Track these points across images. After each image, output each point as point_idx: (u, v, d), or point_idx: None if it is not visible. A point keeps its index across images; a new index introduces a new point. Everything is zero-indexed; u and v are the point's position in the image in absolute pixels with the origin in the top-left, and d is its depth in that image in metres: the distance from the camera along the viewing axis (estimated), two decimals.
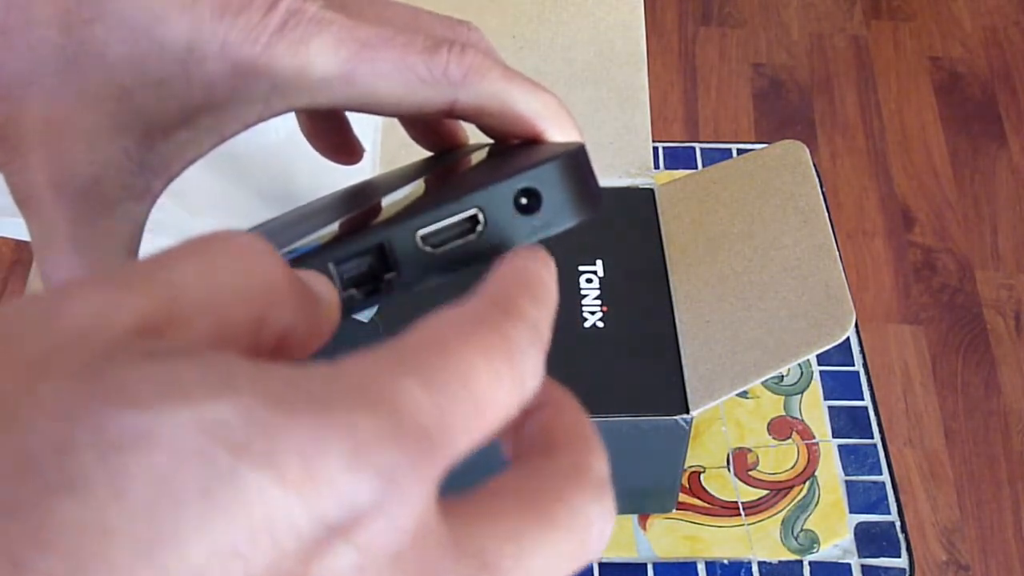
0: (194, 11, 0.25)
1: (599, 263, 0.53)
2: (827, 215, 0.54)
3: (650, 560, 0.54)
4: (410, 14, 0.29)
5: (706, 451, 0.57)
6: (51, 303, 0.17)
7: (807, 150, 0.57)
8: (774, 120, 1.73)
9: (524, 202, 0.24)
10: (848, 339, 0.62)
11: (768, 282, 0.52)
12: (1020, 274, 1.54)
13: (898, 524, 0.55)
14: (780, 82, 1.78)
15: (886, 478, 0.57)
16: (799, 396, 0.59)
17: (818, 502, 0.55)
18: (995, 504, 1.33)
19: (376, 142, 0.52)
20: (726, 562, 0.53)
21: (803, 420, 0.58)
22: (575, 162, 0.25)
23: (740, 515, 0.55)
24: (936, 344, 1.46)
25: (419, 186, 0.29)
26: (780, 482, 0.56)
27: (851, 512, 0.55)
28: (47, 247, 0.26)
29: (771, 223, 0.54)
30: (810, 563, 0.53)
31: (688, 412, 0.48)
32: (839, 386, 0.60)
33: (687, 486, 0.56)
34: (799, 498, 0.55)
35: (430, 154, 0.34)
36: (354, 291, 0.23)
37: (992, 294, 1.52)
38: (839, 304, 0.49)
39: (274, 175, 0.50)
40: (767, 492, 0.56)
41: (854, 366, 0.61)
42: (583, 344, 0.50)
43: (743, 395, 0.59)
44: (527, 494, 0.18)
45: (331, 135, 0.34)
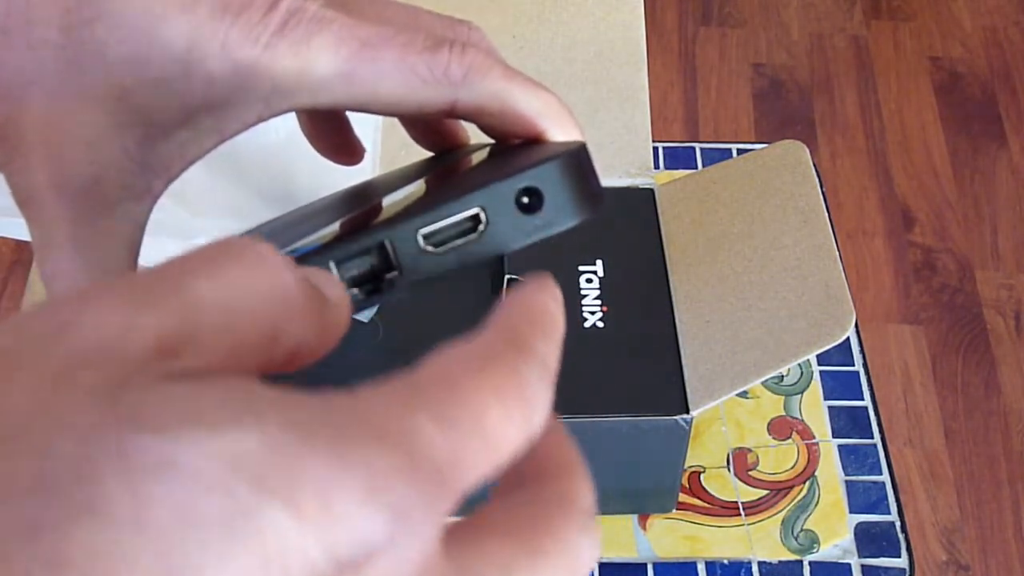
0: (194, 11, 0.25)
1: (599, 263, 0.53)
2: (827, 215, 0.54)
3: (650, 560, 0.54)
4: (411, 13, 0.29)
5: (706, 451, 0.57)
6: (67, 315, 0.17)
7: (807, 150, 0.57)
8: (774, 120, 1.73)
9: (526, 201, 0.24)
10: (848, 339, 0.62)
11: (768, 282, 0.52)
12: (1020, 274, 1.54)
13: (898, 524, 0.55)
14: (780, 82, 1.78)
15: (886, 478, 0.57)
16: (799, 396, 0.59)
17: (818, 502, 0.55)
18: (995, 504, 1.33)
19: (376, 142, 0.52)
20: (726, 562, 0.53)
21: (803, 420, 0.58)
22: (576, 161, 0.25)
23: (740, 515, 0.55)
24: (936, 344, 1.46)
25: (420, 186, 0.29)
26: (780, 482, 0.56)
27: (851, 512, 0.55)
28: (48, 247, 0.26)
29: (771, 223, 0.54)
30: (810, 563, 0.53)
31: (688, 412, 0.48)
32: (839, 386, 0.60)
33: (687, 486, 0.56)
34: (799, 498, 0.56)
35: (431, 154, 0.34)
36: (355, 291, 0.23)
37: (992, 294, 1.52)
38: (839, 304, 0.49)
39: (274, 175, 0.50)
40: (767, 492, 0.56)
41: (854, 366, 0.61)
42: (583, 344, 0.50)
43: (743, 395, 0.59)
44: (519, 525, 0.18)
45: (332, 135, 0.34)
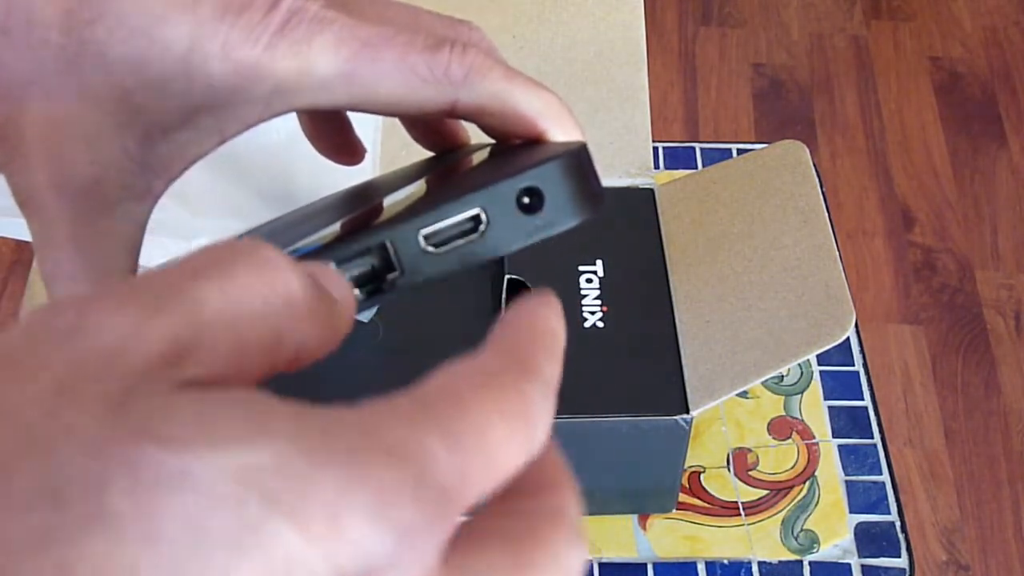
0: (195, 11, 0.25)
1: (599, 263, 0.53)
2: (827, 215, 0.54)
3: (650, 560, 0.54)
4: (411, 13, 0.29)
5: (706, 451, 0.57)
6: (73, 319, 0.17)
7: (807, 150, 0.57)
8: (774, 120, 1.73)
9: (526, 201, 0.24)
10: (848, 339, 0.62)
11: (768, 282, 0.52)
12: (1020, 274, 1.54)
13: (898, 524, 0.55)
14: (780, 82, 1.78)
15: (886, 478, 0.57)
16: (799, 396, 0.59)
17: (818, 502, 0.55)
18: (995, 504, 1.33)
19: (376, 142, 0.52)
20: (726, 562, 0.53)
21: (803, 420, 0.58)
22: (577, 161, 0.25)
23: (740, 515, 0.55)
24: (936, 344, 1.46)
25: (420, 186, 0.29)
26: (780, 482, 0.56)
27: (851, 512, 0.55)
28: (48, 247, 0.26)
29: (771, 223, 0.54)
30: (810, 563, 0.53)
31: (688, 412, 0.48)
32: (839, 386, 0.60)
33: (687, 486, 0.56)
34: (799, 498, 0.56)
35: (431, 155, 0.34)
36: (356, 291, 0.23)
37: (992, 294, 1.52)
38: (839, 304, 0.49)
39: (275, 175, 0.50)
40: (767, 492, 0.56)
41: (854, 366, 0.61)
42: (583, 344, 0.50)
43: (743, 395, 0.59)
44: (514, 537, 0.18)
45: (332, 135, 0.34)
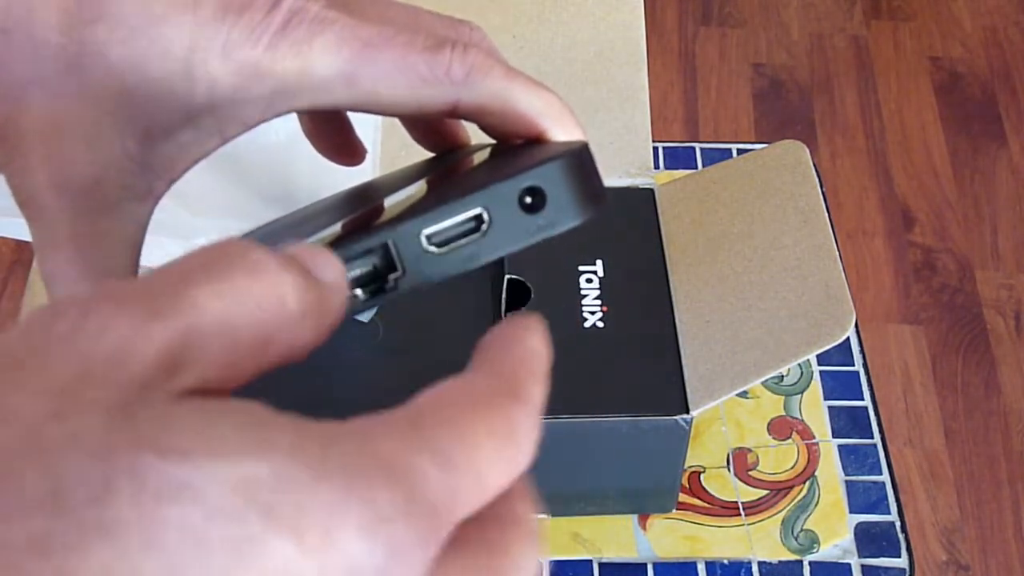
0: (196, 11, 0.25)
1: (599, 263, 0.53)
2: (827, 215, 0.54)
3: (650, 560, 0.54)
4: (412, 14, 0.29)
5: (706, 451, 0.57)
6: (73, 321, 0.17)
7: (807, 150, 0.57)
8: (774, 120, 1.73)
9: (528, 201, 0.24)
10: (848, 339, 0.62)
11: (768, 282, 0.52)
12: (1020, 274, 1.54)
13: (898, 524, 0.55)
14: (780, 82, 1.78)
15: (886, 478, 0.57)
16: (799, 396, 0.59)
17: (818, 502, 0.55)
18: (995, 504, 1.33)
19: (376, 142, 0.52)
20: (726, 562, 0.53)
21: (803, 420, 0.58)
22: (579, 160, 0.25)
23: (740, 515, 0.55)
24: (936, 344, 1.46)
25: (421, 187, 0.29)
26: (780, 482, 0.56)
27: (851, 512, 0.55)
28: (48, 247, 0.26)
29: (771, 223, 0.54)
30: (810, 563, 0.53)
31: (688, 412, 0.48)
32: (839, 386, 0.60)
33: (687, 486, 0.56)
34: (799, 498, 0.56)
35: (431, 155, 0.34)
36: (358, 291, 0.23)
37: (992, 294, 1.52)
38: (839, 304, 0.49)
39: (275, 176, 0.50)
40: (767, 492, 0.56)
41: (854, 366, 0.61)
42: (583, 344, 0.50)
43: (743, 395, 0.59)
44: (482, 547, 0.19)
45: (333, 136, 0.34)
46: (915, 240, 1.58)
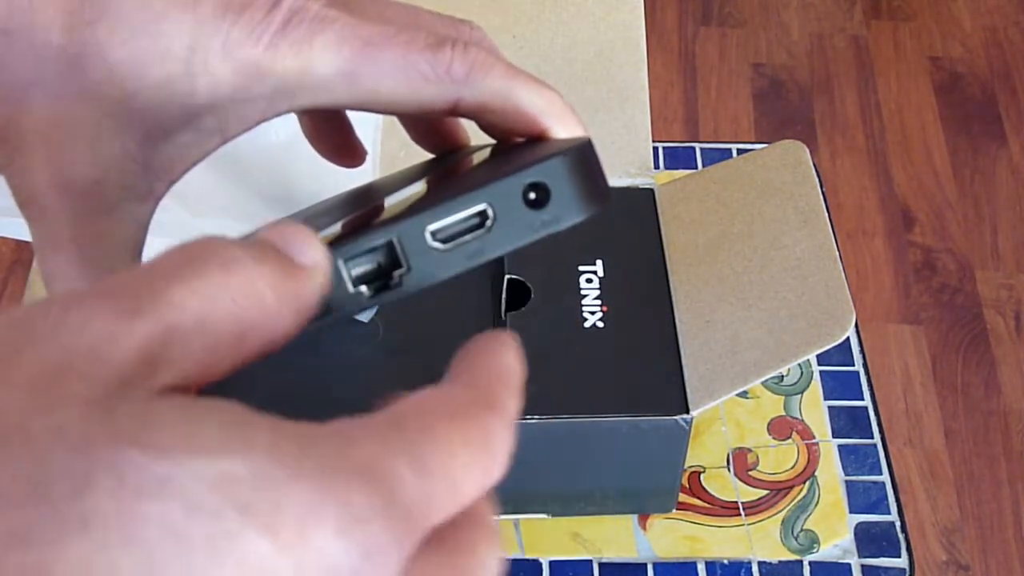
0: (196, 10, 0.25)
1: (599, 263, 0.53)
2: (827, 215, 0.54)
3: (650, 560, 0.54)
4: (412, 13, 0.29)
5: (706, 451, 0.57)
6: (54, 318, 0.17)
7: (807, 150, 0.57)
8: (774, 120, 1.73)
9: (533, 197, 0.24)
10: (848, 339, 0.62)
11: (768, 282, 0.52)
12: (1020, 274, 1.54)
13: (898, 524, 0.55)
14: (780, 82, 1.78)
15: (886, 478, 0.57)
16: (799, 396, 0.59)
17: (818, 502, 0.55)
18: (995, 504, 1.33)
19: (376, 143, 0.52)
20: (726, 562, 0.53)
21: (803, 420, 0.58)
22: (583, 156, 0.25)
23: (740, 515, 0.55)
24: (936, 344, 1.46)
25: (422, 187, 0.29)
26: (780, 482, 0.56)
27: (851, 512, 0.55)
28: (49, 247, 0.26)
29: (771, 223, 0.54)
30: (810, 563, 0.53)
31: (688, 412, 0.48)
32: (839, 386, 0.60)
33: (687, 486, 0.56)
34: (799, 498, 0.56)
35: (430, 157, 0.34)
36: (363, 288, 0.23)
37: (992, 294, 1.52)
38: (839, 304, 0.49)
39: (275, 176, 0.50)
40: (767, 492, 0.56)
41: (854, 366, 0.61)
42: (583, 344, 0.50)
43: (743, 395, 0.59)
44: (452, 549, 0.19)
45: (333, 137, 0.34)
46: (915, 240, 1.58)
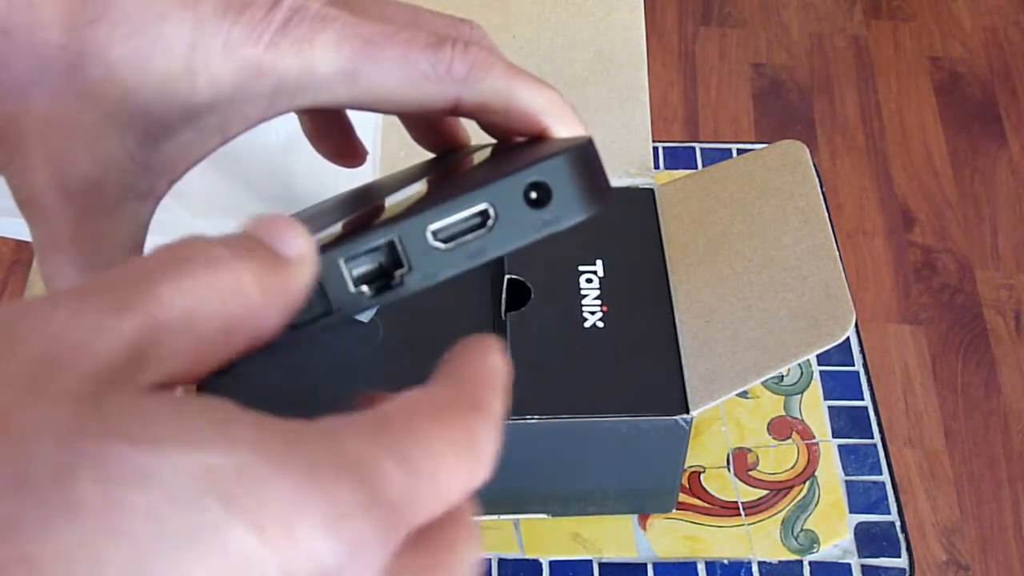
0: (196, 9, 0.25)
1: (599, 263, 0.53)
2: (827, 215, 0.54)
3: (650, 560, 0.54)
4: (412, 12, 0.29)
5: (706, 451, 0.57)
6: (42, 315, 0.17)
7: (807, 150, 0.57)
8: (774, 120, 1.73)
9: (534, 196, 0.24)
10: (848, 339, 0.62)
11: (768, 282, 0.52)
12: (1020, 274, 1.54)
13: (898, 524, 0.55)
14: (780, 82, 1.78)
15: (886, 478, 0.57)
16: (799, 396, 0.59)
17: (818, 502, 0.55)
18: (995, 504, 1.33)
19: (376, 143, 0.52)
20: (726, 562, 0.53)
21: (803, 420, 0.58)
22: (584, 155, 0.25)
23: (740, 515, 0.55)
24: (936, 344, 1.46)
25: (422, 187, 0.29)
26: (780, 482, 0.56)
27: (851, 512, 0.55)
28: (49, 248, 0.26)
29: (771, 223, 0.54)
30: (810, 563, 0.53)
31: (688, 412, 0.48)
32: (839, 386, 0.60)
33: (687, 486, 0.56)
34: (799, 498, 0.56)
35: (430, 157, 0.34)
36: (364, 288, 0.23)
37: (992, 294, 1.52)
38: (839, 304, 0.49)
39: (275, 176, 0.50)
40: (767, 492, 0.56)
41: (854, 366, 0.61)
42: (583, 344, 0.50)
43: (743, 395, 0.59)
44: (433, 546, 0.19)
45: (334, 137, 0.34)
46: (915, 240, 1.58)
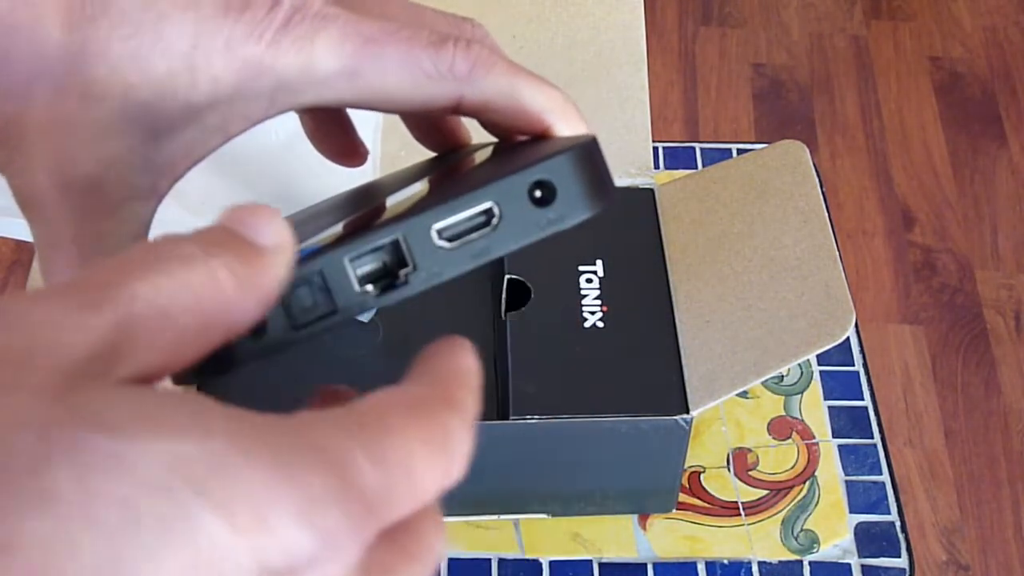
0: (198, 8, 0.25)
1: (599, 263, 0.53)
2: (827, 215, 0.54)
3: (650, 560, 0.54)
4: (413, 11, 0.29)
5: (706, 451, 0.57)
6: (18, 310, 0.17)
7: (807, 150, 0.57)
8: (774, 120, 1.73)
9: (538, 195, 0.24)
10: (848, 339, 0.62)
11: (768, 282, 0.52)
12: (1020, 274, 1.54)
13: (898, 524, 0.55)
14: (780, 82, 1.78)
15: (886, 478, 0.57)
16: (799, 396, 0.59)
17: (818, 502, 0.55)
18: (995, 504, 1.33)
19: (376, 143, 0.52)
20: (726, 562, 0.53)
21: (803, 420, 0.58)
22: (588, 154, 0.25)
23: (740, 515, 0.55)
24: (936, 344, 1.46)
25: (424, 186, 0.29)
26: (780, 482, 0.56)
27: (851, 512, 0.55)
28: (51, 249, 0.26)
29: (771, 223, 0.54)
30: (810, 563, 0.53)
31: (688, 412, 0.48)
32: (839, 386, 0.60)
33: (687, 486, 0.56)
34: (799, 498, 0.56)
35: (430, 157, 0.34)
36: (369, 287, 0.23)
37: (992, 294, 1.52)
38: (839, 304, 0.49)
39: (275, 176, 0.50)
40: (767, 492, 0.56)
41: (854, 366, 0.61)
42: (583, 344, 0.50)
43: (743, 395, 0.59)
44: (401, 534, 0.20)
45: (335, 137, 0.34)
46: (915, 240, 1.58)
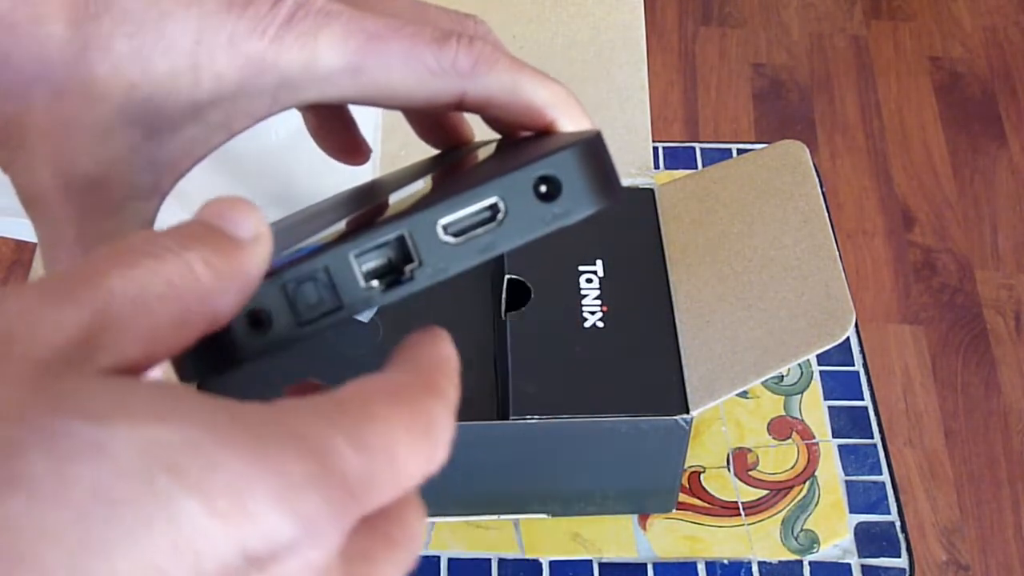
0: (201, 4, 0.25)
1: (599, 263, 0.53)
2: (827, 215, 0.54)
3: (650, 560, 0.54)
4: (417, 7, 0.29)
5: (706, 451, 0.57)
6: None
7: (807, 150, 0.57)
8: (774, 120, 1.73)
9: (544, 190, 0.24)
10: (848, 339, 0.62)
11: (768, 282, 0.52)
12: (1020, 274, 1.54)
13: (898, 524, 0.55)
14: (780, 82, 1.78)
15: (886, 478, 0.57)
16: (799, 396, 0.59)
17: (818, 502, 0.55)
18: (995, 504, 1.33)
19: (377, 142, 0.52)
20: (726, 562, 0.53)
21: (803, 420, 0.59)
22: (593, 149, 0.25)
23: (740, 515, 0.55)
24: (936, 344, 1.46)
25: (427, 183, 0.29)
26: (780, 482, 0.56)
27: (851, 512, 0.55)
28: (54, 248, 0.26)
29: (771, 223, 0.54)
30: (810, 563, 0.53)
31: (688, 412, 0.48)
32: (839, 386, 0.60)
33: (687, 486, 0.56)
34: (799, 498, 0.56)
35: (432, 155, 0.34)
36: (375, 283, 0.23)
37: (992, 294, 1.52)
38: (839, 304, 0.49)
39: (275, 176, 0.50)
40: (767, 492, 0.56)
41: (854, 366, 0.61)
42: (583, 344, 0.50)
43: (743, 395, 0.59)
44: (384, 525, 0.20)
45: (337, 135, 0.34)
46: (915, 240, 1.58)
